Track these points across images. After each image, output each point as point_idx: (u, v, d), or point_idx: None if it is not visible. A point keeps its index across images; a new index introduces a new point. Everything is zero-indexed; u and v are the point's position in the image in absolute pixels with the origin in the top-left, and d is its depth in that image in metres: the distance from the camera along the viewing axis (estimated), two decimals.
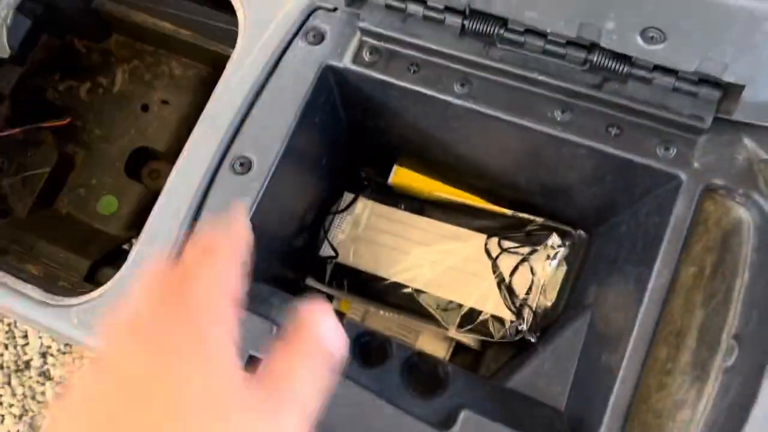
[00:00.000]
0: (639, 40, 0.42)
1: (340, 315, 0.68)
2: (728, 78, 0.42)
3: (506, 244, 0.63)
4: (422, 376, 0.51)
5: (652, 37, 0.41)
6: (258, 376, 0.28)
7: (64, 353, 0.90)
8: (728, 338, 0.44)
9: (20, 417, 0.88)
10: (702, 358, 0.44)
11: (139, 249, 0.50)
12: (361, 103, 0.56)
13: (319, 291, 0.66)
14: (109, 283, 0.50)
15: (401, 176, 0.67)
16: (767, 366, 0.39)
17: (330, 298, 0.68)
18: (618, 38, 0.43)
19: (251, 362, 0.47)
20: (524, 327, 0.59)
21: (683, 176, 0.46)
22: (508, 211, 0.64)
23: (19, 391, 0.89)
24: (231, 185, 0.50)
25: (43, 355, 0.90)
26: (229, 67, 0.54)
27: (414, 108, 0.54)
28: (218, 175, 0.51)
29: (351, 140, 0.64)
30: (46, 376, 0.90)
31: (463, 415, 0.44)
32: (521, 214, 0.63)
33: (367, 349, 0.52)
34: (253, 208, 0.50)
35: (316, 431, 0.30)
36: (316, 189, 0.63)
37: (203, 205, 0.50)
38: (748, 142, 0.46)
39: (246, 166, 0.51)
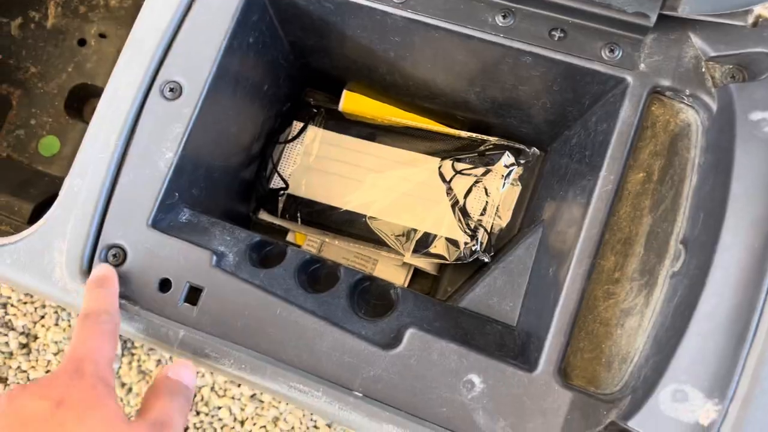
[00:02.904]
0: None
1: (304, 251, 0.67)
2: None
3: (460, 166, 0.61)
4: (374, 299, 0.50)
5: None
6: (139, 417, 0.37)
7: (24, 303, 0.88)
8: (676, 243, 0.43)
9: None
10: (650, 264, 0.43)
11: (70, 183, 0.48)
12: (298, 19, 0.53)
13: (272, 224, 0.65)
14: (41, 221, 0.48)
15: (352, 102, 0.64)
16: (712, 265, 0.38)
17: (284, 230, 0.66)
18: None
19: (191, 292, 0.45)
20: (478, 248, 0.58)
21: (630, 79, 0.44)
22: (462, 133, 0.62)
23: None
24: (161, 111, 0.48)
25: (4, 305, 0.89)
26: None
27: (352, 22, 0.51)
28: (147, 101, 0.48)
29: (295, 63, 0.61)
30: (8, 326, 0.88)
31: (409, 333, 0.43)
32: (475, 135, 0.61)
33: (316, 276, 0.51)
34: (186, 136, 0.47)
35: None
36: (260, 116, 0.60)
37: (133, 133, 0.48)
38: (695, 39, 0.44)
39: (176, 91, 0.48)
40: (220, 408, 0.86)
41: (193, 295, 0.45)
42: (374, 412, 0.42)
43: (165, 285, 0.45)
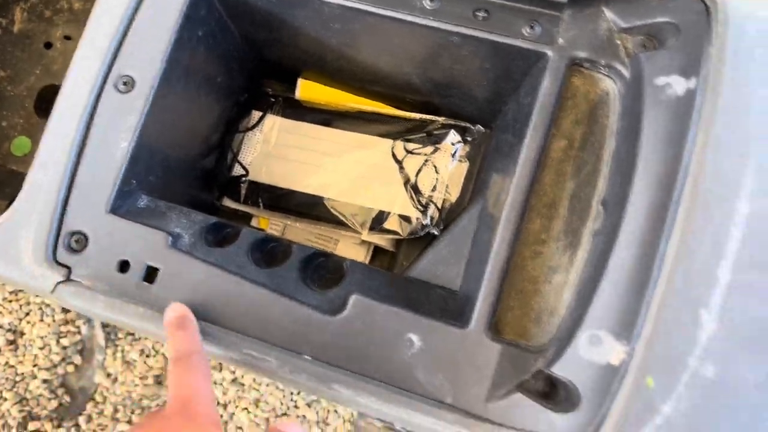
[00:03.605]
0: None
1: (260, 231, 0.70)
2: None
3: (411, 146, 0.64)
4: (328, 274, 0.53)
5: None
6: None
7: (10, 301, 0.92)
8: (597, 205, 0.46)
9: None
10: (574, 226, 0.46)
11: (32, 175, 0.51)
12: (247, 14, 0.56)
13: (236, 210, 0.68)
14: (6, 213, 0.51)
15: (307, 90, 0.67)
16: (622, 221, 0.41)
17: (249, 216, 0.69)
18: None
19: (149, 272, 0.48)
20: (429, 222, 0.61)
21: (549, 53, 0.47)
22: (412, 114, 0.65)
23: None
24: (116, 104, 0.51)
25: None
26: None
27: (295, 13, 0.54)
28: (102, 95, 0.51)
29: (249, 55, 0.64)
30: None
31: (352, 298, 0.46)
32: (423, 116, 0.64)
33: (273, 255, 0.54)
34: (140, 127, 0.50)
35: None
36: (216, 107, 0.63)
37: (90, 126, 0.51)
38: (608, 13, 0.47)
39: (129, 84, 0.51)
40: None
41: (151, 274, 0.48)
42: (322, 374, 0.45)
43: (124, 266, 0.48)
